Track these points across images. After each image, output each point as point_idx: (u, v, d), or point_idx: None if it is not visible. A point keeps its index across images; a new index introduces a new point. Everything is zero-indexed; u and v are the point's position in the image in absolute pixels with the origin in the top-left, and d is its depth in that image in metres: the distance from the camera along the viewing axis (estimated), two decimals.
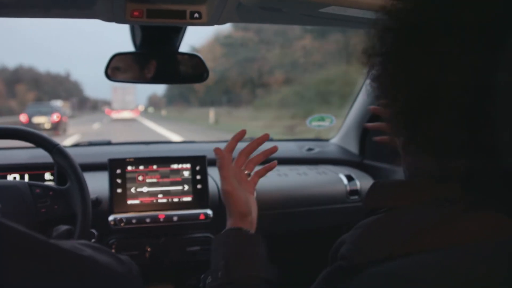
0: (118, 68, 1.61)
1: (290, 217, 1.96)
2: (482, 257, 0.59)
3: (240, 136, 1.26)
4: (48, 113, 21.01)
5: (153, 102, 73.94)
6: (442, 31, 0.61)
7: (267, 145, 2.43)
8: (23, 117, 21.14)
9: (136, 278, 0.68)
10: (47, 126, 20.16)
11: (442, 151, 0.64)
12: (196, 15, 1.30)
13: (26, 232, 0.55)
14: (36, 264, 0.53)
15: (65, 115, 24.00)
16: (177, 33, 1.55)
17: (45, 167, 1.76)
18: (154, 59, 1.63)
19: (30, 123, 19.71)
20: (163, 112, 52.51)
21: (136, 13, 1.26)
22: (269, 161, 2.20)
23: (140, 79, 1.64)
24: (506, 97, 0.56)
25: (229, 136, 1.34)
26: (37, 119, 20.33)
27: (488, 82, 0.57)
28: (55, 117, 20.66)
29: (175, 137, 16.38)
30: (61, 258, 0.56)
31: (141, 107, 64.47)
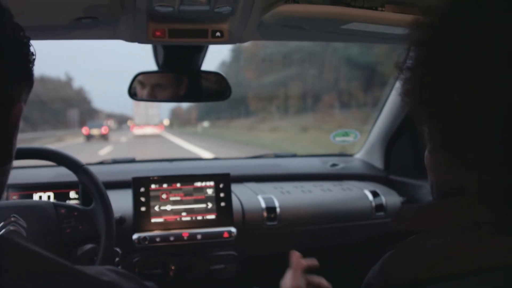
0: (141, 87, 1.63)
1: (314, 234, 1.94)
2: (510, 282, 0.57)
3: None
4: (99, 126, 30.83)
5: (176, 116, 69.72)
6: (481, 44, 0.60)
7: (291, 161, 2.43)
8: (84, 130, 30.62)
9: None
10: (98, 135, 29.55)
11: (484, 167, 0.62)
12: (218, 34, 1.31)
13: (50, 257, 0.55)
14: None
15: (110, 128, 34.61)
16: (199, 51, 1.56)
17: (70, 185, 1.78)
18: (176, 78, 1.65)
19: (89, 134, 29.50)
20: (200, 128, 43.77)
21: (158, 33, 1.27)
22: (292, 177, 2.20)
23: (163, 97, 1.65)
24: None
25: None
26: (93, 131, 29.74)
27: None
28: (103, 130, 30.22)
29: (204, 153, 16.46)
30: (84, 284, 0.56)
31: (166, 121, 60.68)
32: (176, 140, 26.48)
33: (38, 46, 0.71)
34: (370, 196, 2.05)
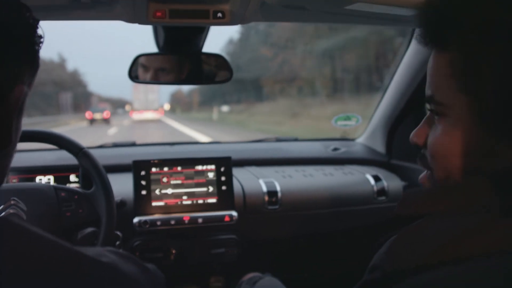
0: (142, 69, 1.61)
1: (316, 218, 1.94)
2: None
3: None
4: (102, 111, 34.45)
5: (177, 100, 67.91)
6: None
7: (292, 145, 2.42)
8: (88, 114, 34.56)
9: (160, 287, 0.67)
10: (100, 119, 33.22)
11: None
12: (219, 14, 1.28)
13: (50, 238, 0.55)
14: (58, 270, 0.53)
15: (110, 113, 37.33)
16: (201, 33, 1.54)
17: (70, 169, 1.77)
18: (177, 60, 1.63)
19: (92, 119, 33.21)
20: (216, 114, 36.97)
21: (158, 14, 1.25)
22: (294, 161, 2.19)
23: (164, 80, 1.63)
24: None
25: None
26: (96, 116, 33.55)
27: None
28: (105, 114, 33.85)
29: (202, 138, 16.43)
30: (83, 265, 0.56)
31: (167, 106, 58.60)
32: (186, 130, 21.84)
33: None
34: (372, 181, 2.04)
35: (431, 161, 0.72)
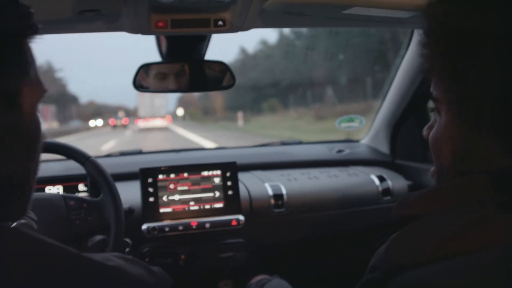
0: (146, 78, 1.64)
1: (322, 220, 1.95)
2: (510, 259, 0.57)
3: None
4: (121, 119, 44.35)
5: (187, 104, 60.80)
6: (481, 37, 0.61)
7: (297, 149, 2.43)
8: (111, 121, 42.58)
9: None
10: (120, 125, 41.50)
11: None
12: (220, 22, 1.31)
13: (58, 245, 0.57)
14: (67, 276, 0.54)
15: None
16: (202, 41, 1.57)
17: (79, 178, 1.80)
18: (181, 68, 1.65)
19: (115, 125, 41.14)
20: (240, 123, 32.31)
21: (160, 24, 1.28)
22: (299, 164, 2.21)
23: (168, 88, 1.66)
24: None
25: None
26: (117, 122, 41.77)
27: None
28: (123, 121, 42.95)
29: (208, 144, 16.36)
30: (91, 269, 0.58)
31: (180, 111, 55.09)
32: None
33: None
34: (377, 181, 2.05)
35: (431, 155, 0.75)
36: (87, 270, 0.57)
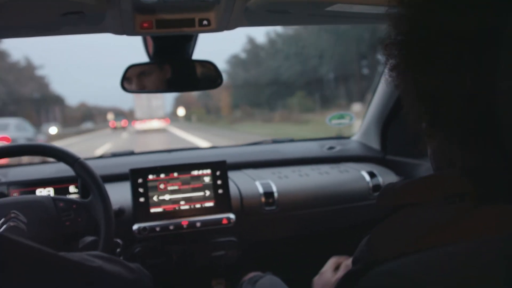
0: (134, 79, 1.64)
1: (313, 217, 1.96)
2: (491, 249, 0.58)
3: None
4: (120, 121, 46.29)
5: (186, 104, 56.92)
6: (443, 35, 0.61)
7: (288, 146, 2.44)
8: (111, 124, 46.13)
9: (146, 285, 0.69)
10: (120, 127, 43.92)
11: (461, 138, 0.63)
12: (205, 22, 1.31)
13: (34, 246, 0.57)
14: (44, 276, 0.55)
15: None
16: (189, 41, 1.57)
17: (69, 180, 1.80)
18: (168, 68, 1.65)
19: (115, 127, 43.80)
20: None
21: (145, 25, 1.28)
22: (290, 162, 2.22)
23: (156, 88, 1.66)
24: (508, 103, 0.56)
25: None
26: (117, 124, 44.43)
27: (491, 88, 0.56)
28: (123, 123, 45.29)
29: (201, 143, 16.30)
30: (69, 269, 0.58)
31: (181, 111, 51.79)
32: None
33: None
34: (367, 177, 2.06)
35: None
36: (65, 270, 0.58)
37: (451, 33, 0.60)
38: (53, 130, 30.20)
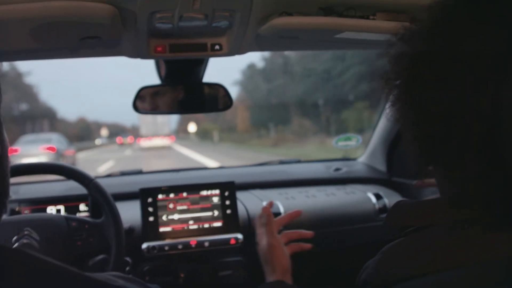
0: (146, 100, 1.68)
1: (319, 238, 1.96)
2: (500, 273, 0.59)
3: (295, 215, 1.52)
4: (127, 136, 50.49)
5: (191, 119, 49.09)
6: (453, 59, 0.61)
7: (295, 167, 2.46)
8: (118, 140, 48.82)
9: None
10: (126, 143, 45.93)
11: (460, 176, 0.63)
12: (217, 47, 1.35)
13: (61, 266, 0.59)
14: None
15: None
16: (200, 64, 1.61)
17: (80, 198, 1.83)
18: (179, 90, 1.69)
19: (122, 143, 46.15)
20: None
21: (159, 49, 1.32)
22: (297, 183, 2.23)
23: (167, 109, 1.70)
24: None
25: None
26: (123, 140, 46.88)
27: (501, 111, 0.57)
28: (129, 139, 48.05)
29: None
30: None
31: (192, 127, 46.09)
32: None
33: None
34: (374, 199, 2.08)
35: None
36: None
37: (461, 57, 0.61)
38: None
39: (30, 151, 15.26)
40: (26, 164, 1.54)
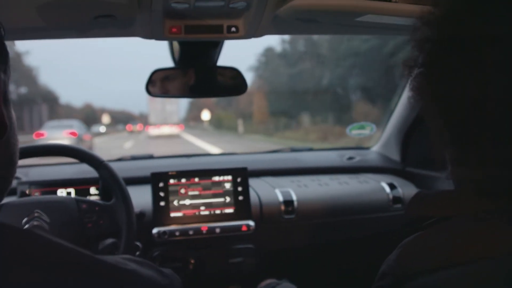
0: (158, 83, 1.65)
1: (332, 227, 1.95)
2: None
3: None
4: (136, 124, 51.90)
5: (201, 108, 46.87)
6: (482, 42, 0.59)
7: (307, 155, 2.43)
8: (128, 127, 50.98)
9: None
10: (136, 130, 47.99)
11: (492, 164, 0.62)
12: (233, 29, 1.32)
13: (72, 248, 0.57)
14: (82, 278, 0.55)
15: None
16: (215, 47, 1.58)
17: (91, 182, 1.81)
18: (193, 74, 1.66)
19: (132, 130, 48.11)
20: None
21: (174, 30, 1.29)
22: (309, 171, 2.21)
23: (180, 93, 1.67)
24: None
25: None
26: (133, 127, 48.97)
27: None
28: (139, 127, 49.87)
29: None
30: (106, 272, 0.58)
31: (206, 115, 42.96)
32: None
33: None
34: (387, 189, 2.05)
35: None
36: (102, 273, 0.58)
37: (485, 40, 0.59)
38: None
39: (55, 135, 16.65)
40: (38, 145, 1.52)
